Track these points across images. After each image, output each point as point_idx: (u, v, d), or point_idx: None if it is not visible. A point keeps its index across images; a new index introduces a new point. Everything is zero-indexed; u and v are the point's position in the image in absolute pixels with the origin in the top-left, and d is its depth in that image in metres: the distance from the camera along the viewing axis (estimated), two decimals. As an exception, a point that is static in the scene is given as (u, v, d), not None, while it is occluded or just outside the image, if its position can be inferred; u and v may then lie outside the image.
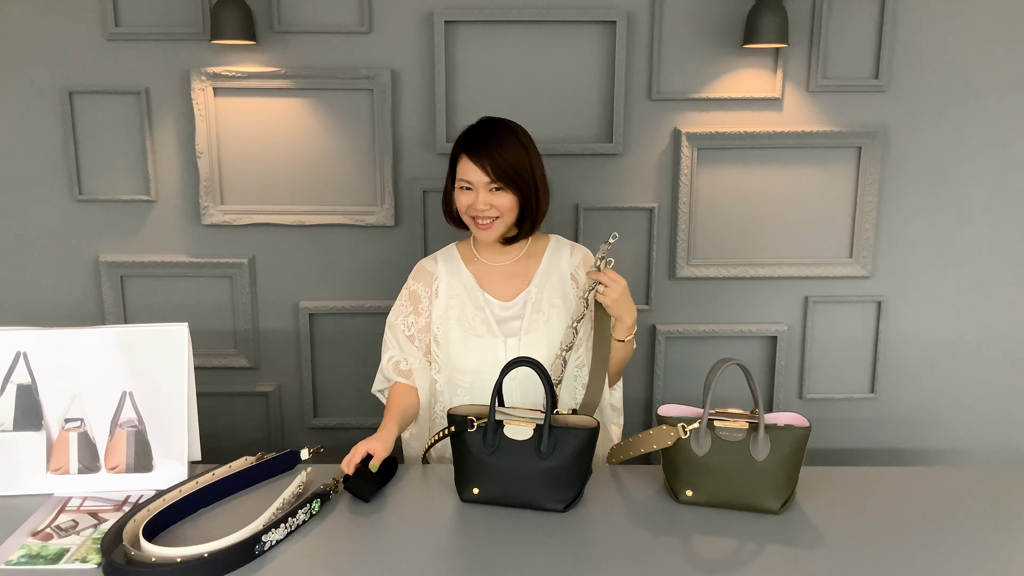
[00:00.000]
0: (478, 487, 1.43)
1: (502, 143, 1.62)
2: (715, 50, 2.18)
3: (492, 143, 1.62)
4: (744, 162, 2.24)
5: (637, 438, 1.47)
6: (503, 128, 1.66)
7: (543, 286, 1.71)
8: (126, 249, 2.27)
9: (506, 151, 1.61)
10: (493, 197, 1.62)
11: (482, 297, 1.71)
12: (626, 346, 1.68)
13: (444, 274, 1.74)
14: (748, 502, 1.40)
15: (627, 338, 1.66)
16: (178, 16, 2.14)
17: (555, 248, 1.77)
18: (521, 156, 1.63)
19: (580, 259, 1.77)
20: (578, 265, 1.76)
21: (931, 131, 2.23)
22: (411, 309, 1.74)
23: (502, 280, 1.73)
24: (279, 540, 1.30)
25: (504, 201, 1.63)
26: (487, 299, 1.71)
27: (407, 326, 1.74)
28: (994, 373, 2.37)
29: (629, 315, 1.62)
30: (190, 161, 2.22)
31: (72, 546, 1.31)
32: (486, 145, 1.62)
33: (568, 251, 1.77)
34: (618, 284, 1.57)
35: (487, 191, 1.62)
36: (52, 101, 2.18)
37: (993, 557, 1.28)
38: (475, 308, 1.70)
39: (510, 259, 1.74)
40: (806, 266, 2.29)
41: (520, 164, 1.62)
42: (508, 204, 1.63)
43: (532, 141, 1.69)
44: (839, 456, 2.39)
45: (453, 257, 1.77)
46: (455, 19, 2.14)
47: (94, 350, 1.53)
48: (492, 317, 1.69)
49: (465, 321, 1.69)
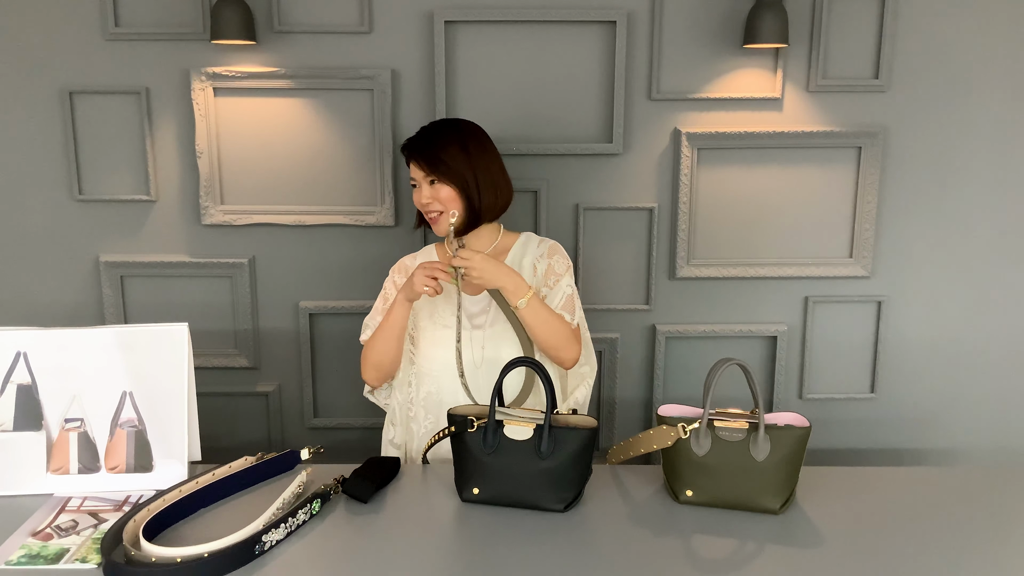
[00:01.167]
0: (478, 487, 1.43)
1: (438, 138, 1.71)
2: (715, 50, 2.18)
3: (428, 139, 1.72)
4: (744, 162, 2.24)
5: (637, 438, 1.47)
6: (443, 126, 1.75)
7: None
8: (126, 249, 2.27)
9: (440, 146, 1.69)
10: (433, 190, 1.70)
11: (454, 291, 1.75)
12: (529, 311, 1.65)
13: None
14: (748, 502, 1.40)
15: (520, 303, 1.64)
16: (178, 16, 2.14)
17: (523, 243, 1.81)
18: (456, 150, 1.69)
19: (545, 249, 1.79)
20: (542, 254, 1.78)
21: (931, 131, 2.23)
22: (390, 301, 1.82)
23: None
24: (279, 540, 1.30)
25: (443, 194, 1.70)
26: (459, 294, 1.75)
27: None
28: (994, 373, 2.37)
29: (505, 280, 1.63)
30: (190, 161, 2.22)
31: (72, 546, 1.31)
32: (421, 142, 1.72)
33: (536, 244, 1.81)
34: (473, 260, 1.61)
35: (428, 185, 1.70)
36: (52, 101, 2.18)
37: (993, 557, 1.28)
38: (447, 303, 1.75)
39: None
40: (806, 266, 2.29)
41: (453, 158, 1.69)
42: (448, 196, 1.70)
43: (481, 137, 1.74)
44: (839, 456, 2.39)
45: (430, 254, 1.86)
46: (455, 19, 2.14)
47: (94, 350, 1.52)
48: (462, 310, 1.73)
49: (435, 314, 1.76)
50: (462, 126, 1.75)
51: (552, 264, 1.77)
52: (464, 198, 1.70)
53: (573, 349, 1.72)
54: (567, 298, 1.74)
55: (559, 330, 1.69)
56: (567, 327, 1.71)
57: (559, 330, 1.69)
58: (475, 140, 1.73)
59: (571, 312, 1.73)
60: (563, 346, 1.70)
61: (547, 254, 1.78)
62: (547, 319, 1.67)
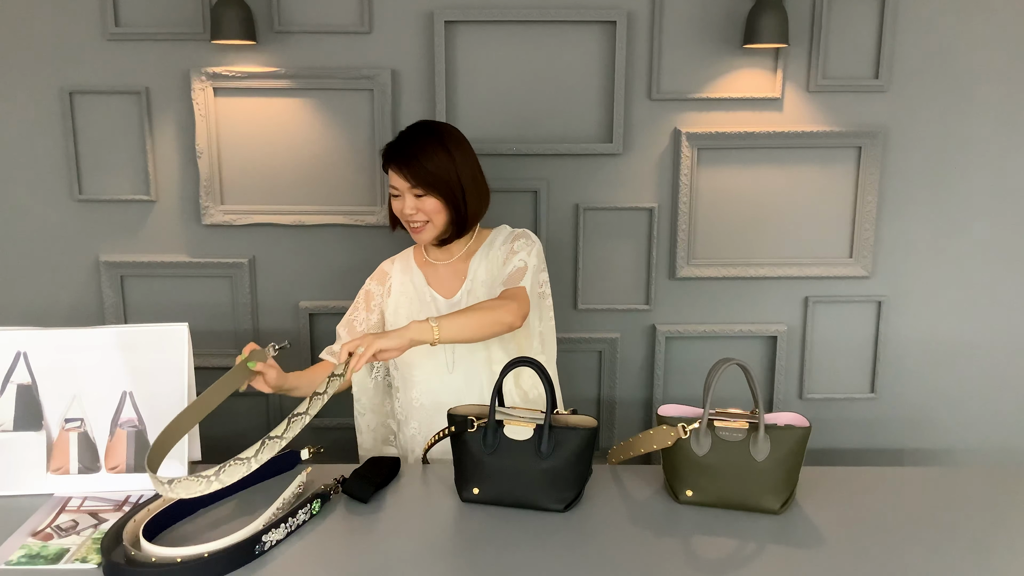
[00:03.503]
0: (478, 487, 1.43)
1: (423, 149, 1.65)
2: (715, 50, 2.18)
3: (413, 150, 1.66)
4: (744, 162, 2.24)
5: (637, 438, 1.47)
6: (426, 133, 1.69)
7: (475, 278, 1.75)
8: (126, 249, 2.27)
9: (427, 157, 1.65)
10: (419, 202, 1.67)
11: (429, 295, 1.77)
12: (449, 333, 1.51)
13: (397, 273, 1.82)
14: (748, 502, 1.40)
15: (435, 335, 1.49)
16: (178, 16, 2.14)
17: (493, 237, 1.79)
18: (443, 161, 1.66)
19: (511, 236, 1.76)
20: (507, 240, 1.75)
21: (931, 131, 2.23)
22: (364, 307, 1.82)
23: (448, 278, 1.78)
24: (279, 540, 1.30)
25: (429, 206, 1.67)
26: (434, 296, 1.77)
27: (361, 322, 1.81)
28: (994, 373, 2.37)
29: (407, 333, 1.47)
30: (190, 161, 2.22)
31: (72, 546, 1.31)
32: (407, 153, 1.66)
33: (505, 234, 1.78)
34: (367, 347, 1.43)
35: (412, 197, 1.67)
36: (52, 101, 2.18)
37: (993, 557, 1.28)
38: (422, 305, 1.76)
39: (454, 256, 1.79)
40: (806, 266, 2.29)
41: (441, 169, 1.65)
42: (433, 208, 1.67)
43: (461, 143, 1.71)
44: (839, 456, 2.39)
45: (408, 258, 1.84)
46: (455, 19, 2.14)
47: (94, 350, 1.53)
48: (436, 313, 1.74)
49: (412, 317, 1.75)
50: (443, 132, 1.71)
51: (513, 246, 1.73)
52: (451, 209, 1.68)
53: (508, 314, 1.57)
54: (517, 270, 1.68)
55: (484, 317, 1.55)
56: (488, 308, 1.57)
57: (484, 317, 1.55)
58: (458, 147, 1.69)
59: (516, 280, 1.66)
60: (498, 322, 1.56)
61: (511, 239, 1.76)
62: (467, 323, 1.54)
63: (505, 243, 1.76)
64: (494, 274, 1.74)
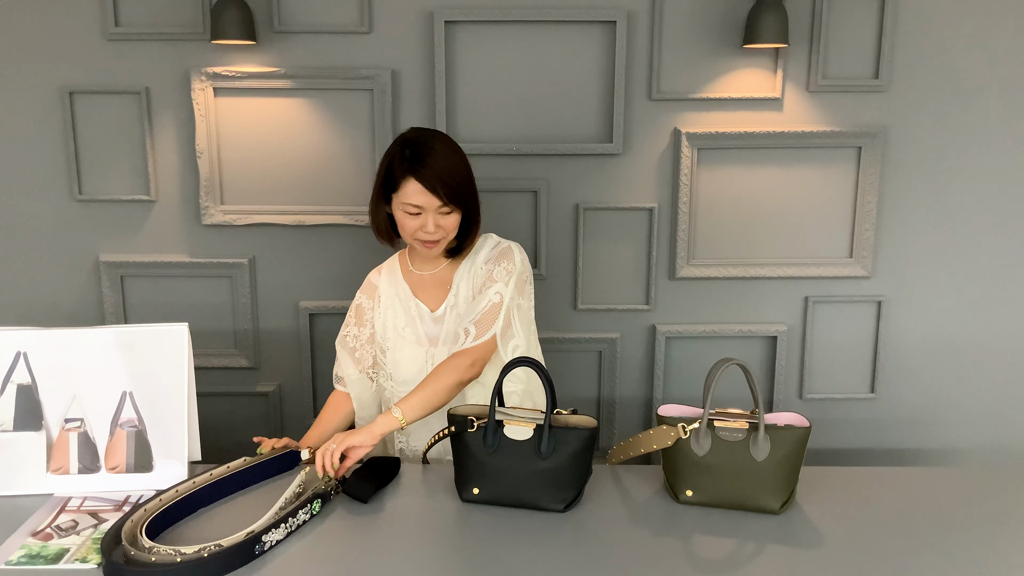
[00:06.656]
0: (478, 487, 1.43)
1: (449, 164, 1.58)
2: (715, 50, 2.18)
3: (440, 164, 1.57)
4: (744, 162, 2.24)
5: (637, 438, 1.47)
6: (443, 145, 1.61)
7: (458, 292, 1.71)
8: (126, 249, 2.27)
9: (454, 172, 1.58)
10: (442, 219, 1.60)
11: (415, 306, 1.74)
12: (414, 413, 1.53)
13: (385, 285, 1.78)
14: (748, 502, 1.40)
15: (401, 423, 1.52)
16: (178, 16, 2.14)
17: (479, 247, 1.72)
18: (464, 174, 1.61)
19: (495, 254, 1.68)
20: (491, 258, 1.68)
21: (931, 131, 2.23)
22: (355, 322, 1.79)
23: (433, 288, 1.74)
24: (279, 540, 1.30)
25: (451, 221, 1.62)
26: (419, 307, 1.74)
27: (353, 338, 1.79)
28: (994, 373, 2.37)
29: (376, 430, 1.50)
30: (190, 161, 2.22)
31: (72, 546, 1.31)
32: (434, 168, 1.56)
33: (491, 246, 1.71)
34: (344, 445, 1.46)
35: (439, 215, 1.59)
36: (52, 101, 2.18)
37: (993, 557, 1.28)
38: (407, 317, 1.73)
39: (439, 266, 1.74)
40: (806, 266, 2.29)
41: (465, 183, 1.61)
42: (454, 223, 1.62)
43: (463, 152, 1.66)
44: (839, 456, 2.39)
45: (394, 268, 1.79)
46: (455, 19, 2.14)
47: (94, 350, 1.52)
48: (421, 325, 1.72)
49: (398, 329, 1.74)
50: (454, 142, 1.65)
51: (493, 272, 1.66)
52: (467, 222, 1.65)
53: (467, 373, 1.58)
54: (491, 306, 1.62)
55: (443, 386, 1.56)
56: (446, 373, 1.57)
57: (443, 386, 1.56)
58: (465, 157, 1.65)
59: (488, 324, 1.60)
60: (458, 384, 1.58)
61: (495, 259, 1.67)
62: (430, 398, 1.54)
63: (488, 261, 1.68)
64: (475, 291, 1.69)
